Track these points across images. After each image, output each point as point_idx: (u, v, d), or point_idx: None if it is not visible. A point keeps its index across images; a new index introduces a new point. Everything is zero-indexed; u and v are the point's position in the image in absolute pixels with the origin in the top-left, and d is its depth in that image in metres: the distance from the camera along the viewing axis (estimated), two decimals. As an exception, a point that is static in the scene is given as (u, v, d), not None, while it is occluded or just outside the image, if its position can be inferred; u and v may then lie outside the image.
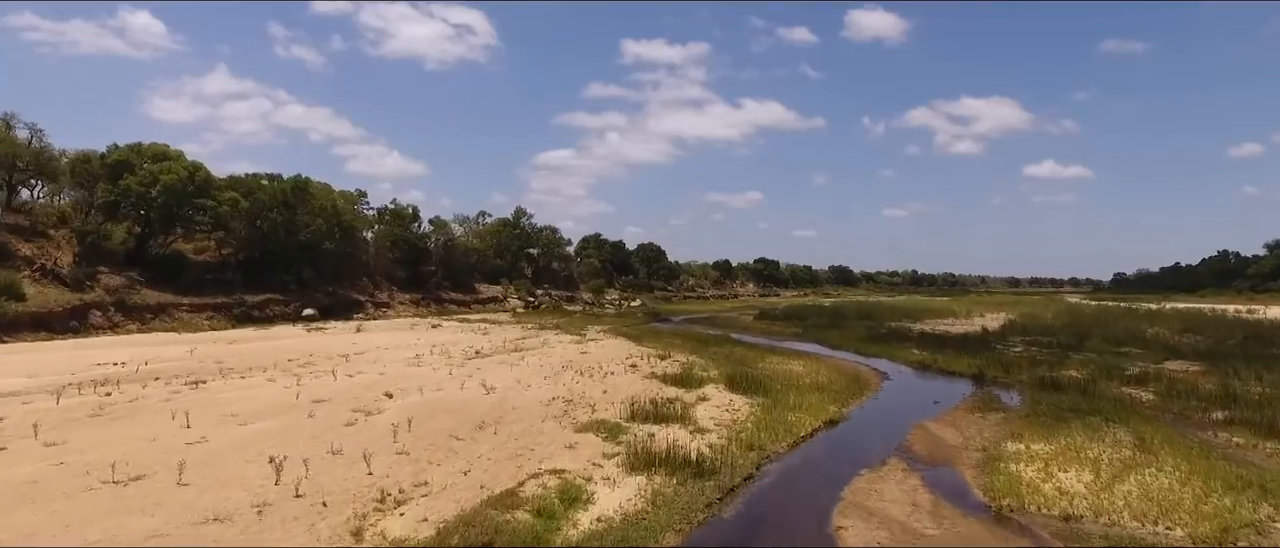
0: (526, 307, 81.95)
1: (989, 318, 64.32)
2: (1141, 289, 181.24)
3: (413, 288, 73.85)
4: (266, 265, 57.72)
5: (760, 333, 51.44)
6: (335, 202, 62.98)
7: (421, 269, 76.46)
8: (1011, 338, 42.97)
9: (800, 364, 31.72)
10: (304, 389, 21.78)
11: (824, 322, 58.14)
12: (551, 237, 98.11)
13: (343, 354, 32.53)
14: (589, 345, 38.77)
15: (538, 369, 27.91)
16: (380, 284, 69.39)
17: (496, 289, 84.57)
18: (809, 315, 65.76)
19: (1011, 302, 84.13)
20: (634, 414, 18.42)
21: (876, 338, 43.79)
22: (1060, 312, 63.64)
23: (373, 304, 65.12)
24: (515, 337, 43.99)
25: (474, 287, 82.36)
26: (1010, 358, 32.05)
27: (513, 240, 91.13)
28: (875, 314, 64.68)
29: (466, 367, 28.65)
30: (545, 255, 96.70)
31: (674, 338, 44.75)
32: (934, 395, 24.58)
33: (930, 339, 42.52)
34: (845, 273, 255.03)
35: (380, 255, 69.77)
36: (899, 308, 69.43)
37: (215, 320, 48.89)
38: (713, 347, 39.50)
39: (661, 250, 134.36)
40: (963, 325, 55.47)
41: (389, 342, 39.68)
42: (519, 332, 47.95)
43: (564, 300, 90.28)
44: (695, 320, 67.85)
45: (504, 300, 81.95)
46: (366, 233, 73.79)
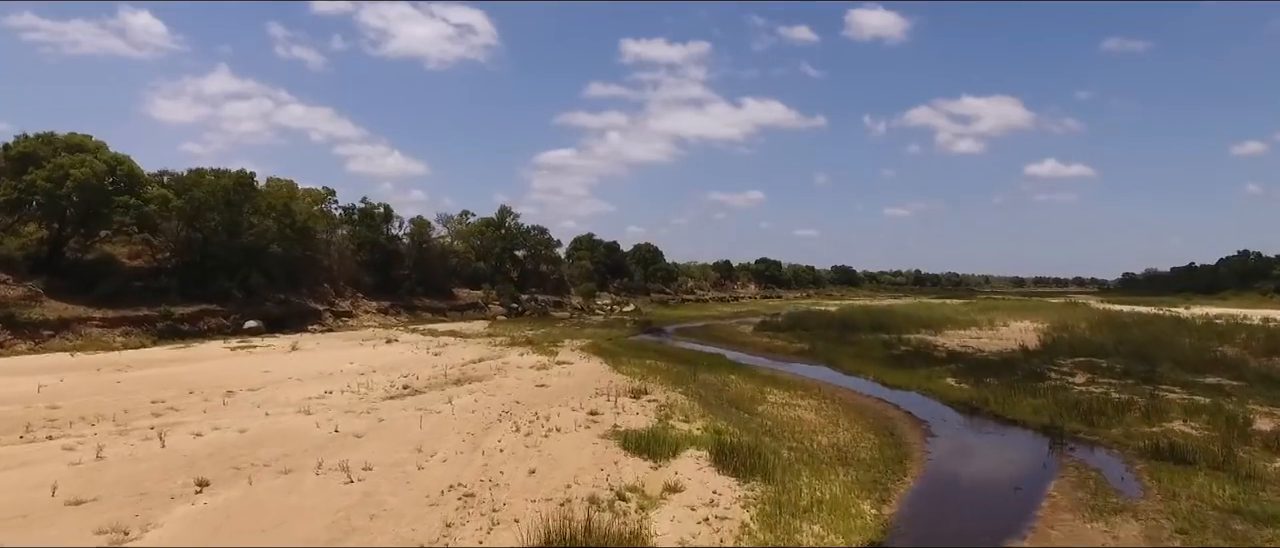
0: (509, 313, 74.72)
1: (1016, 327, 56.93)
2: (1155, 290, 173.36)
3: (383, 294, 66.67)
4: (208, 271, 50.58)
5: (761, 350, 44.16)
6: (288, 200, 55.77)
7: (394, 273, 69.26)
8: (1059, 359, 35.61)
9: (810, 405, 24.45)
10: (83, 468, 14.61)
11: (833, 334, 50.78)
12: (539, 237, 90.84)
13: (235, 390, 25.33)
14: (553, 372, 31.49)
15: (465, 420, 20.67)
16: (344, 291, 62.21)
17: (477, 294, 77.32)
18: (815, 325, 58.41)
19: (1032, 307, 76.66)
20: (552, 539, 11.11)
21: (898, 359, 36.43)
22: (1097, 322, 56.17)
23: (333, 313, 57.94)
24: (473, 357, 36.74)
25: (452, 292, 75.13)
26: (1079, 396, 24.70)
27: (497, 241, 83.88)
28: (889, 324, 57.30)
29: (374, 413, 21.41)
30: (533, 257, 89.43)
31: (659, 360, 37.48)
32: (1006, 469, 17.32)
33: (963, 361, 35.16)
34: (848, 273, 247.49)
35: (344, 259, 62.56)
36: (914, 317, 62.04)
37: (134, 336, 41.72)
38: (703, 372, 32.22)
39: (658, 251, 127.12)
40: (991, 338, 48.07)
41: (317, 365, 32.49)
42: (482, 349, 40.69)
43: (551, 306, 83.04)
44: (690, 330, 60.57)
45: (484, 306, 74.71)
46: (333, 233, 66.63)
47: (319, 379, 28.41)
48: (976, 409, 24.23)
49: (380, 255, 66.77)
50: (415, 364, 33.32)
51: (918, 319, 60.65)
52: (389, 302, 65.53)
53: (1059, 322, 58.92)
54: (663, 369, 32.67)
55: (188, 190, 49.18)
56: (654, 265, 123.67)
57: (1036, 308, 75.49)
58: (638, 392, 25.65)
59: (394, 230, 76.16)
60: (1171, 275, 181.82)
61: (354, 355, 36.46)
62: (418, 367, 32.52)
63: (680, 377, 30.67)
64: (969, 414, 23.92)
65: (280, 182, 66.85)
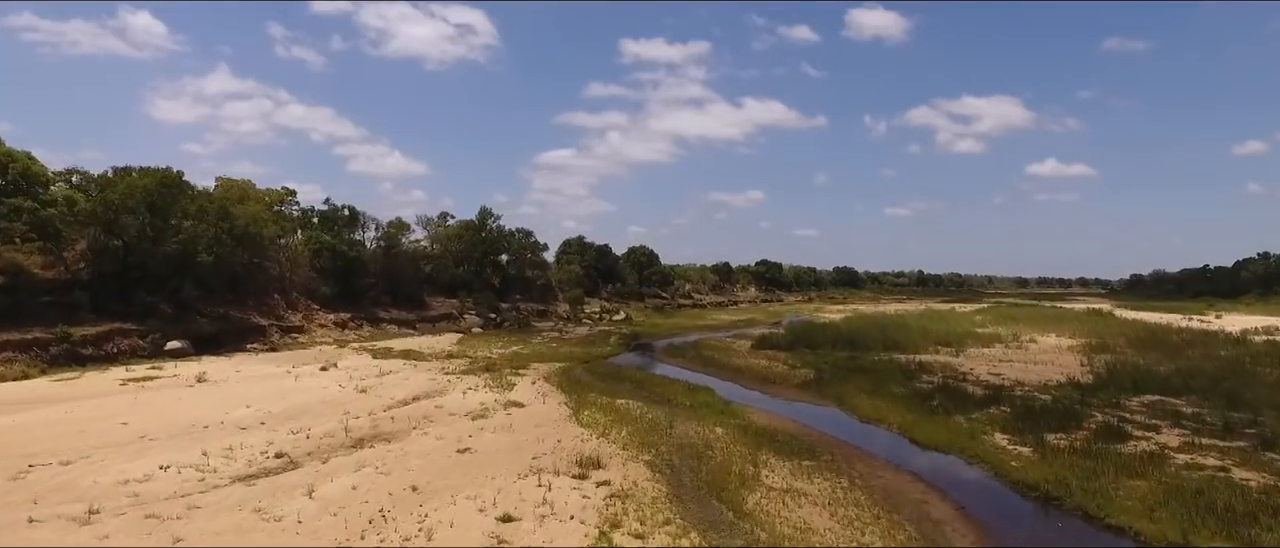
0: (486, 324, 67.77)
1: (1047, 345, 49.79)
2: (1166, 293, 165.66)
3: (345, 305, 59.74)
4: (130, 284, 43.72)
5: (757, 380, 37.10)
6: (225, 201, 48.83)
7: (358, 282, 62.32)
8: (1122, 398, 28.48)
9: (822, 490, 17.46)
10: None
11: (841, 356, 43.72)
12: (523, 241, 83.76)
13: (38, 462, 18.39)
14: (494, 422, 24.50)
15: (312, 534, 13.72)
16: (297, 303, 55.28)
17: (453, 303, 70.35)
18: (819, 341, 51.37)
19: (1054, 318, 69.43)
20: None
21: (924, 397, 29.31)
22: (1138, 338, 48.98)
23: (281, 328, 51.01)
24: (407, 394, 29.77)
25: (424, 301, 68.18)
26: (1191, 476, 17.64)
27: (477, 246, 76.86)
28: (902, 341, 50.23)
29: (182, 521, 14.44)
30: (517, 262, 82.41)
31: (634, 396, 30.49)
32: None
33: (1005, 401, 28.07)
34: (850, 274, 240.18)
35: (297, 267, 55.62)
36: (929, 331, 54.92)
37: (17, 363, 34.84)
38: (684, 419, 25.26)
39: (654, 254, 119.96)
40: (1024, 361, 40.92)
41: (201, 409, 25.57)
42: (426, 380, 33.70)
43: (535, 315, 76.06)
44: (681, 346, 53.53)
45: (459, 317, 67.76)
46: (290, 238, 59.73)
47: (180, 438, 21.46)
48: (1051, 496, 17.12)
49: (342, 263, 59.82)
50: (325, 409, 26.33)
51: (934, 334, 53.54)
52: (350, 314, 58.60)
53: (1094, 338, 51.79)
54: (634, 416, 25.63)
55: (103, 191, 42.26)
56: (650, 269, 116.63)
57: (1060, 319, 68.28)
58: (587, 465, 18.63)
59: (366, 234, 69.44)
60: (1183, 278, 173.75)
61: (262, 392, 29.49)
62: (325, 413, 25.54)
63: (653, 428, 23.67)
64: (1044, 508, 16.81)
65: (232, 181, 60.04)
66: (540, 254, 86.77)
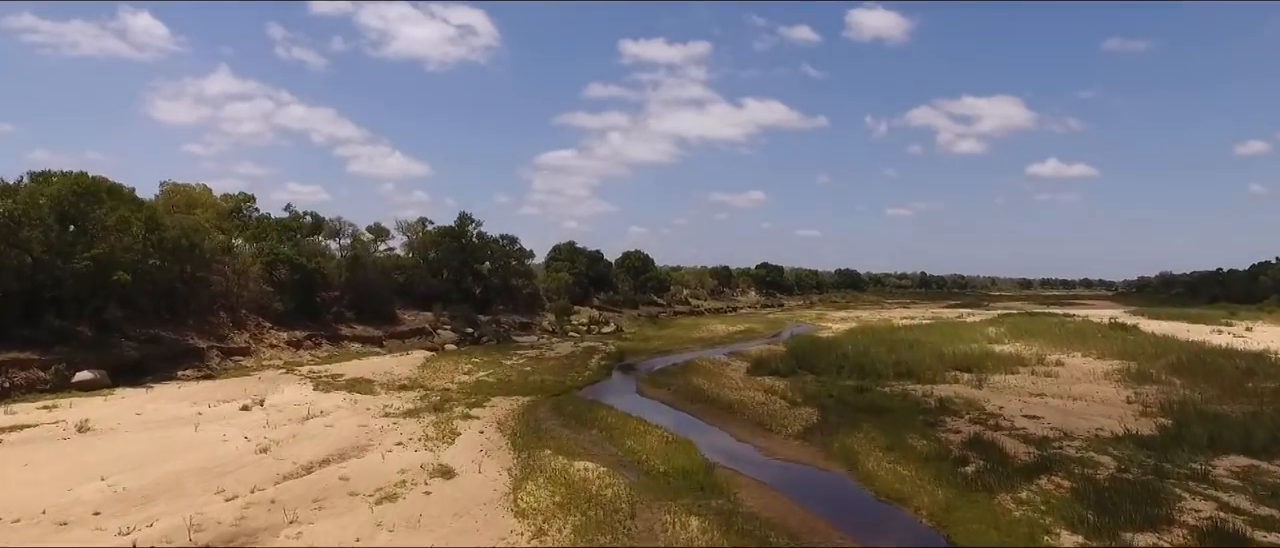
0: (462, 340, 61.95)
1: (1078, 370, 43.74)
2: (1178, 298, 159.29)
3: (303, 321, 53.96)
4: (39, 304, 38.03)
5: (750, 424, 31.10)
6: (156, 211, 43.04)
7: (319, 296, 56.55)
8: (1204, 460, 22.53)
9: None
10: None
11: (848, 387, 37.81)
12: (507, 248, 77.88)
13: None
14: (399, 510, 18.63)
15: None
16: (246, 321, 49.47)
17: (428, 317, 64.56)
18: (824, 363, 45.58)
19: (1077, 333, 63.31)
20: None
21: (956, 462, 23.33)
22: (1181, 364, 42.91)
23: (222, 351, 45.20)
24: (324, 451, 23.97)
25: (395, 315, 62.39)
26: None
27: (454, 254, 71.01)
28: (915, 364, 44.36)
29: None
30: (500, 271, 76.53)
31: (598, 450, 24.70)
32: None
33: (1060, 469, 22.09)
34: (852, 277, 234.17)
35: (248, 281, 49.83)
36: (945, 353, 48.96)
37: (-125, 406, 29.14)
38: (650, 497, 19.43)
39: (649, 259, 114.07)
40: (1064, 400, 34.83)
41: (43, 480, 19.87)
42: (352, 427, 27.87)
43: (517, 328, 70.20)
44: (669, 371, 47.63)
45: (432, 332, 61.94)
46: (242, 250, 53.99)
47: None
48: None
49: (301, 276, 54.00)
50: (200, 482, 20.50)
51: (949, 357, 47.56)
52: (307, 332, 52.78)
53: (1128, 360, 45.82)
54: (590, 493, 19.78)
55: (3, 199, 36.53)
56: (645, 275, 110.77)
57: (1082, 334, 62.22)
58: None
59: (341, 241, 63.75)
60: (1195, 281, 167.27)
61: (140, 451, 23.67)
62: (195, 490, 19.73)
63: (610, 516, 17.83)
64: None
65: (178, 187, 54.37)
66: (525, 262, 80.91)
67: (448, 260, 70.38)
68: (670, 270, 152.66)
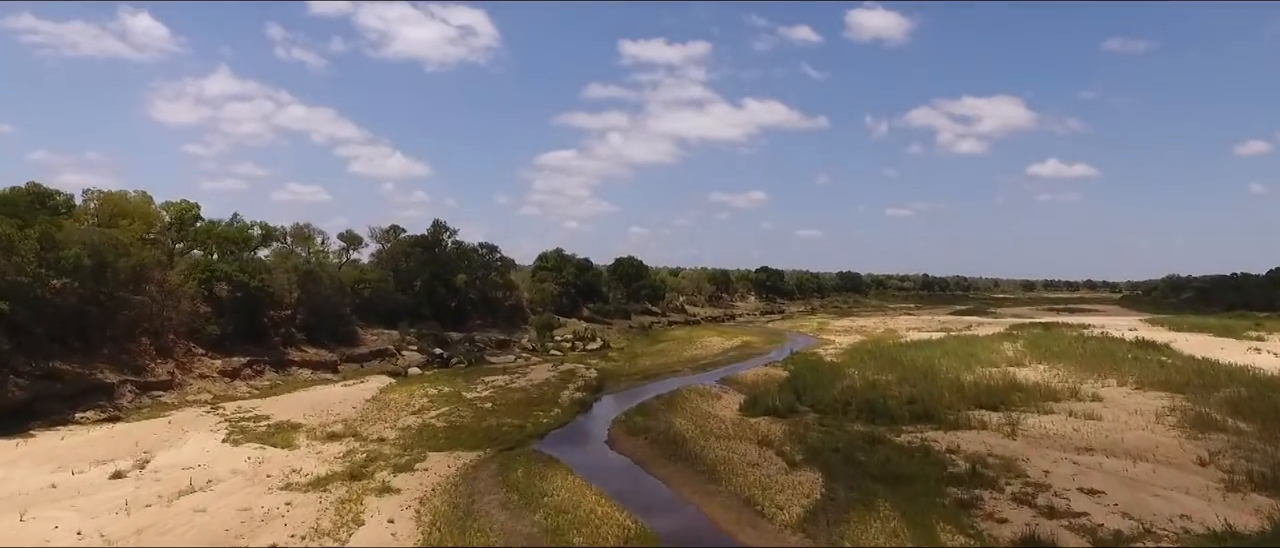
0: (430, 362, 55.73)
1: (1120, 404, 37.28)
2: (1192, 304, 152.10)
3: (246, 345, 47.73)
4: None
5: (736, 497, 24.68)
6: (52, 226, 36.82)
7: (267, 315, 50.33)
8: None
9: None
10: None
11: (857, 434, 31.51)
12: (485, 258, 71.57)
13: None
14: None
15: None
16: (174, 347, 43.22)
17: (393, 336, 58.34)
18: (828, 399, 39.37)
19: (1108, 356, 56.59)
20: None
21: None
22: (1240, 399, 36.49)
23: (138, 386, 38.98)
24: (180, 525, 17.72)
25: (355, 335, 56.15)
26: None
27: (426, 265, 64.73)
28: (932, 399, 38.10)
29: None
30: (478, 284, 70.23)
31: (541, 535, 18.46)
32: None
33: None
34: (853, 279, 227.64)
35: (173, 302, 43.58)
36: (964, 382, 42.62)
37: None
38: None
39: (643, 266, 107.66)
40: (1123, 461, 28.30)
41: None
42: (231, 509, 21.61)
43: (493, 346, 63.92)
44: (654, 405, 41.36)
45: (397, 353, 55.71)
46: (176, 266, 47.76)
47: None
48: None
49: (244, 294, 47.77)
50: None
51: (970, 390, 41.20)
52: (248, 358, 46.53)
53: (1177, 393, 39.43)
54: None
55: None
56: (638, 282, 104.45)
57: (1112, 356, 55.62)
58: None
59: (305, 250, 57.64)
60: (1207, 285, 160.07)
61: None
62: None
63: None
64: None
65: (109, 196, 48.18)
66: (506, 273, 74.58)
67: (419, 272, 64.10)
68: (667, 276, 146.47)
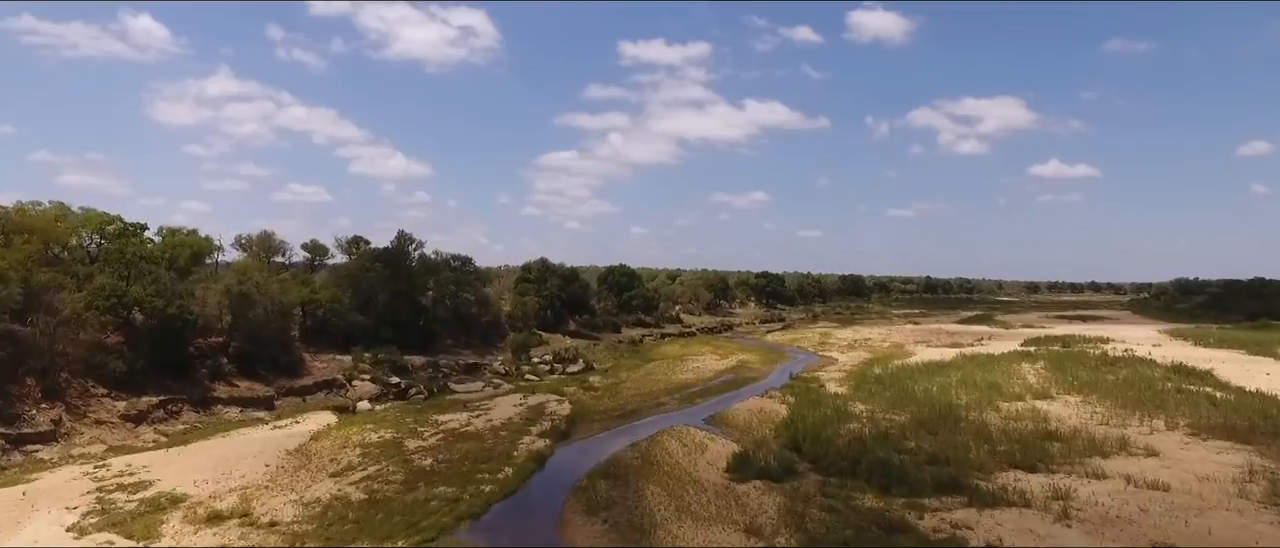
0: (386, 393, 48.89)
1: (1177, 458, 30.27)
2: (1203, 309, 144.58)
3: (164, 381, 40.97)
4: None
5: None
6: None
7: (193, 345, 43.57)
8: None
9: None
10: None
11: (870, 515, 24.67)
12: (457, 273, 64.66)
13: None
14: None
15: None
16: (66, 388, 36.43)
17: (346, 362, 51.52)
18: (831, 453, 32.54)
19: (1139, 386, 49.72)
20: None
21: None
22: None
23: (7, 440, 32.20)
24: None
25: (300, 364, 49.34)
26: None
27: (388, 282, 57.89)
28: (955, 453, 31.22)
29: None
30: (448, 300, 63.35)
31: None
32: None
33: None
34: (856, 283, 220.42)
35: (65, 332, 36.76)
36: (991, 426, 35.71)
37: None
38: None
39: (633, 274, 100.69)
40: None
41: None
42: None
43: (463, 370, 57.05)
44: (627, 453, 34.52)
45: (347, 384, 48.89)
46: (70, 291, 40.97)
47: None
48: None
49: (160, 322, 41.00)
50: None
51: (999, 439, 34.24)
52: (164, 397, 39.73)
53: (1247, 448, 32.46)
54: None
55: None
56: (629, 293, 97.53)
57: (1151, 387, 48.69)
58: None
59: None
60: (1222, 291, 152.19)
61: None
62: None
63: None
64: None
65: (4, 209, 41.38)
66: (481, 288, 67.65)
67: (380, 289, 57.25)
68: (661, 284, 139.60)
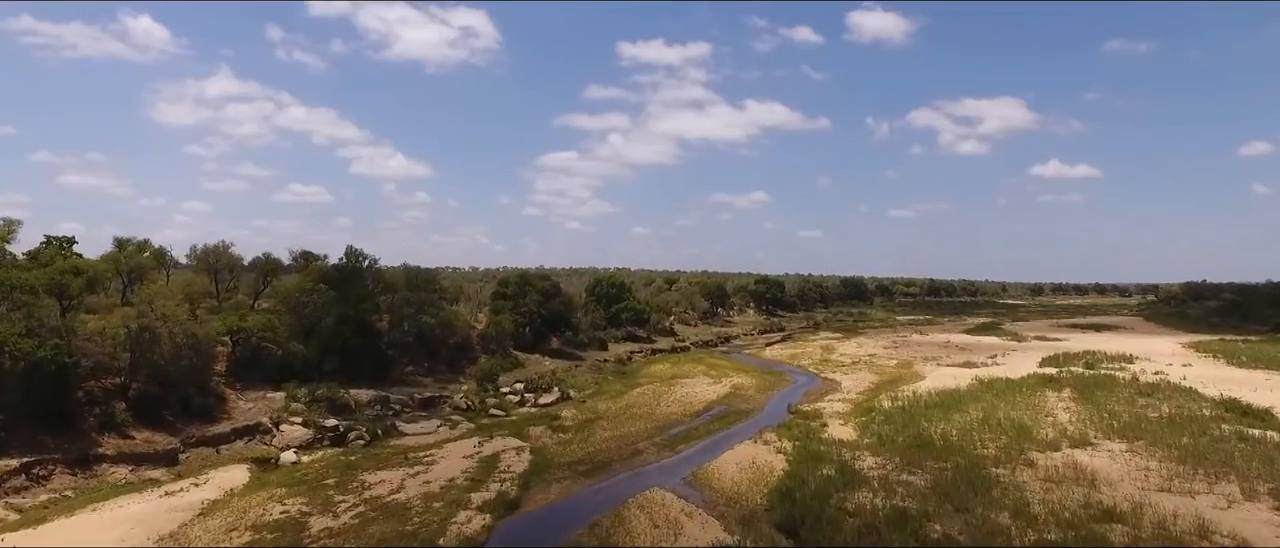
0: (320, 437, 41.51)
1: None
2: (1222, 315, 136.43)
3: (38, 435, 33.69)
4: None
5: None
6: None
7: (82, 389, 36.26)
8: None
9: None
10: None
11: None
12: (419, 291, 57.20)
13: None
14: None
15: None
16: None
17: (277, 400, 44.17)
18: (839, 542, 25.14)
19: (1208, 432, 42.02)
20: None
21: None
22: None
23: None
24: None
25: (220, 407, 42.01)
26: None
27: (332, 305, 50.47)
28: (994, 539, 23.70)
29: None
30: (406, 324, 55.89)
31: None
32: None
33: None
34: (858, 286, 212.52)
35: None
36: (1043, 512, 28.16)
37: None
38: None
39: (624, 287, 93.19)
40: None
41: None
42: None
43: (419, 405, 49.63)
44: (583, 530, 27.13)
45: (274, 427, 41.55)
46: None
47: None
48: None
49: (29, 367, 33.65)
50: None
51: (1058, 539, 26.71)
52: (31, 458, 32.41)
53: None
54: None
55: None
56: (618, 305, 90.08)
57: (1207, 432, 41.07)
58: None
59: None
60: (1238, 296, 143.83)
61: None
62: None
63: None
64: None
65: None
66: (448, 310, 60.21)
67: (325, 312, 49.86)
68: (658, 289, 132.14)
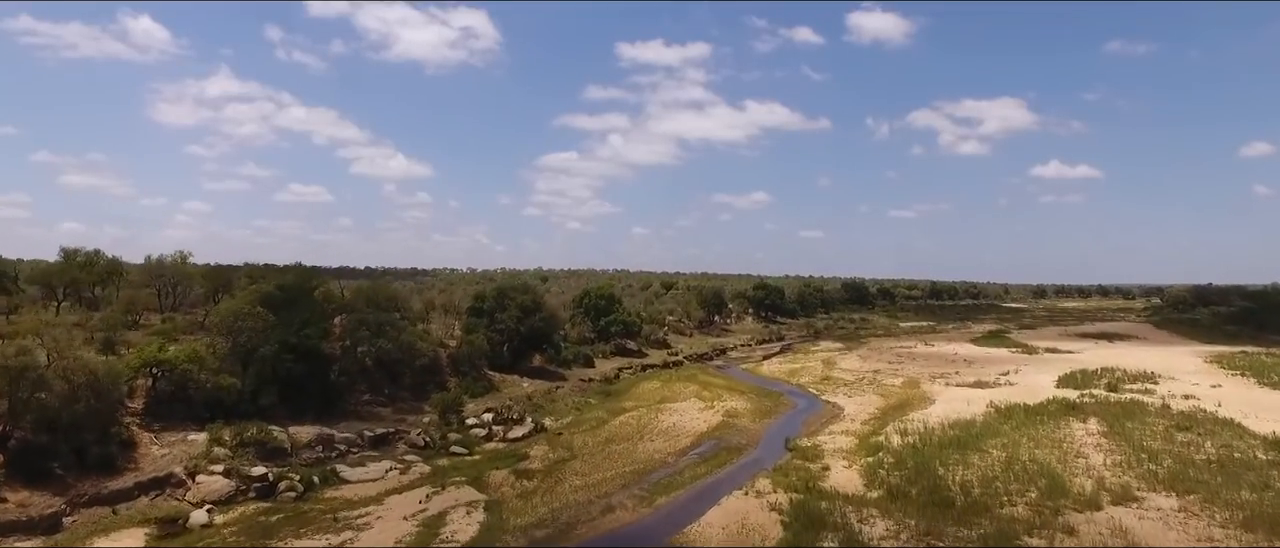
0: (245, 489, 35.36)
1: None
2: (1237, 322, 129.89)
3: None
4: None
5: None
6: None
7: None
8: None
9: None
10: None
11: None
12: (376, 311, 50.92)
13: None
14: None
15: None
16: None
17: (197, 444, 38.04)
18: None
19: (1263, 476, 35.79)
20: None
21: None
22: None
23: None
24: None
25: (127, 453, 35.87)
26: None
27: (272, 331, 44.24)
28: None
29: None
30: (363, 347, 49.61)
31: None
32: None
33: None
34: (859, 290, 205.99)
35: None
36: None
37: None
38: None
39: (614, 299, 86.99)
40: None
41: None
42: None
43: (370, 443, 43.48)
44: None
45: (189, 479, 35.40)
46: None
47: None
48: None
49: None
50: None
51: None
52: None
53: None
54: None
55: None
56: (608, 318, 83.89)
57: (1273, 492, 34.80)
58: None
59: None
60: (1258, 304, 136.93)
61: None
62: None
63: None
64: None
65: None
66: (408, 332, 53.93)
67: (264, 339, 43.65)
68: (654, 294, 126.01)
